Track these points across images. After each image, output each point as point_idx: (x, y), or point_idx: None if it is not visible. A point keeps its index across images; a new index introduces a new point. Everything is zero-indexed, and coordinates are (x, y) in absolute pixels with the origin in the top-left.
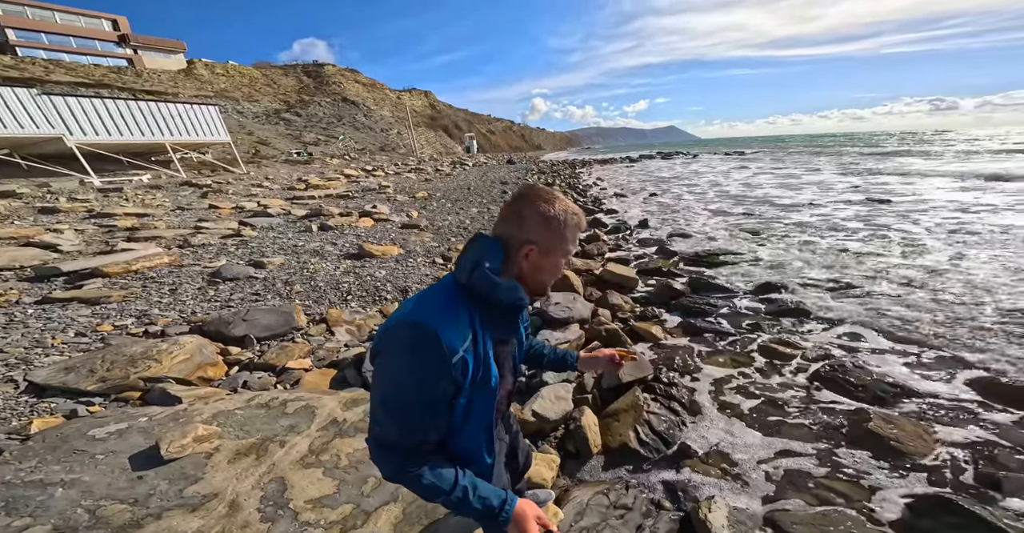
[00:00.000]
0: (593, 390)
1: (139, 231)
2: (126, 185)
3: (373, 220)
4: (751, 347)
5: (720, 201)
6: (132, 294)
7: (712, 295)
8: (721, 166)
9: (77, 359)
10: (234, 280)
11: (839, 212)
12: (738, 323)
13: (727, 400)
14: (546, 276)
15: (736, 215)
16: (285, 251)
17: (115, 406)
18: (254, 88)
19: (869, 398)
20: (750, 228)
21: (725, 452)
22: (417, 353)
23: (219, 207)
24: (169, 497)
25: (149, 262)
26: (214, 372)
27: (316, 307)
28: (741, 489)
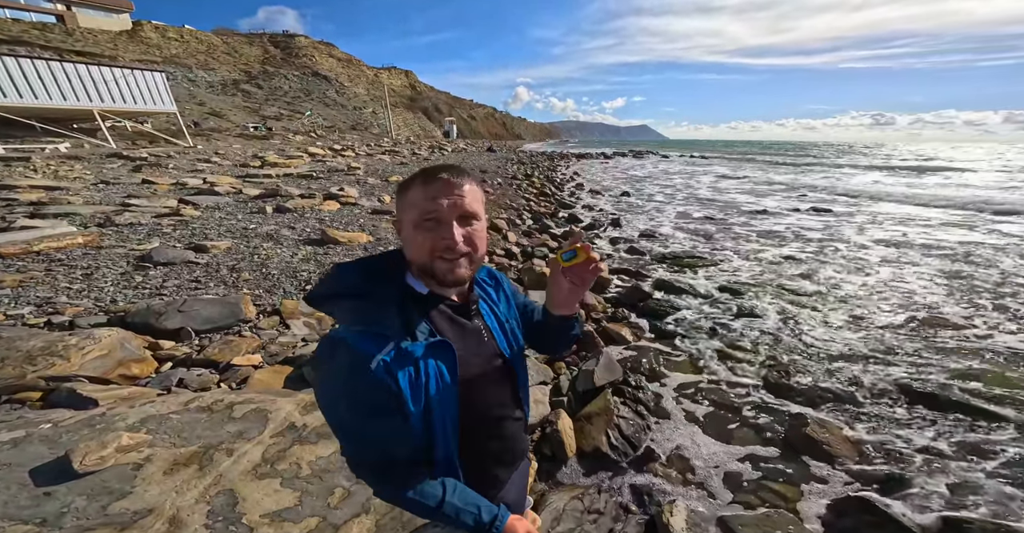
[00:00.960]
0: (568, 392)
1: (47, 206)
2: (35, 154)
3: (339, 203)
4: (710, 351)
5: (688, 204)
6: (32, 278)
7: (678, 297)
8: (689, 169)
9: None
10: (168, 265)
11: (792, 220)
12: (699, 326)
13: (688, 404)
14: (417, 251)
15: (702, 218)
16: (233, 234)
17: (7, 409)
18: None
19: (808, 402)
20: (714, 232)
21: (685, 456)
22: (333, 366)
23: (155, 182)
24: (89, 515)
25: (57, 242)
26: (140, 369)
27: (268, 297)
28: (698, 492)
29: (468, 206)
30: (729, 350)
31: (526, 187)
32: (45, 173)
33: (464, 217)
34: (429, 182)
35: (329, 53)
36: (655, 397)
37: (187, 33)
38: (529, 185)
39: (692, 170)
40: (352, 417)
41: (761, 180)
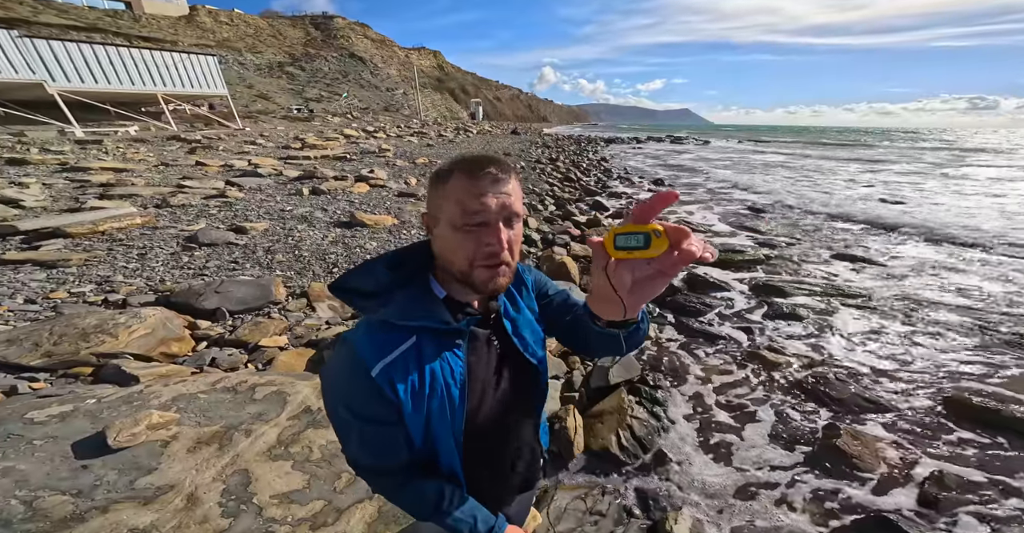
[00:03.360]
0: (581, 388)
1: (114, 188)
2: (108, 137)
3: (369, 185)
4: (740, 352)
5: (730, 195)
6: (95, 257)
7: (709, 294)
8: (737, 156)
9: (22, 330)
10: (212, 245)
11: (854, 214)
12: (731, 326)
13: (709, 407)
14: (448, 252)
15: (745, 211)
16: (271, 216)
17: (62, 383)
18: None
19: (845, 412)
20: (757, 226)
21: (699, 462)
22: (336, 370)
23: (206, 164)
24: (118, 488)
25: (119, 222)
26: (179, 348)
27: (299, 279)
28: (709, 502)
29: (515, 206)
30: (762, 352)
31: (550, 171)
32: (115, 155)
33: (509, 219)
34: (475, 177)
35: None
36: (674, 397)
37: (236, 17)
38: (554, 170)
39: (741, 157)
40: (351, 422)
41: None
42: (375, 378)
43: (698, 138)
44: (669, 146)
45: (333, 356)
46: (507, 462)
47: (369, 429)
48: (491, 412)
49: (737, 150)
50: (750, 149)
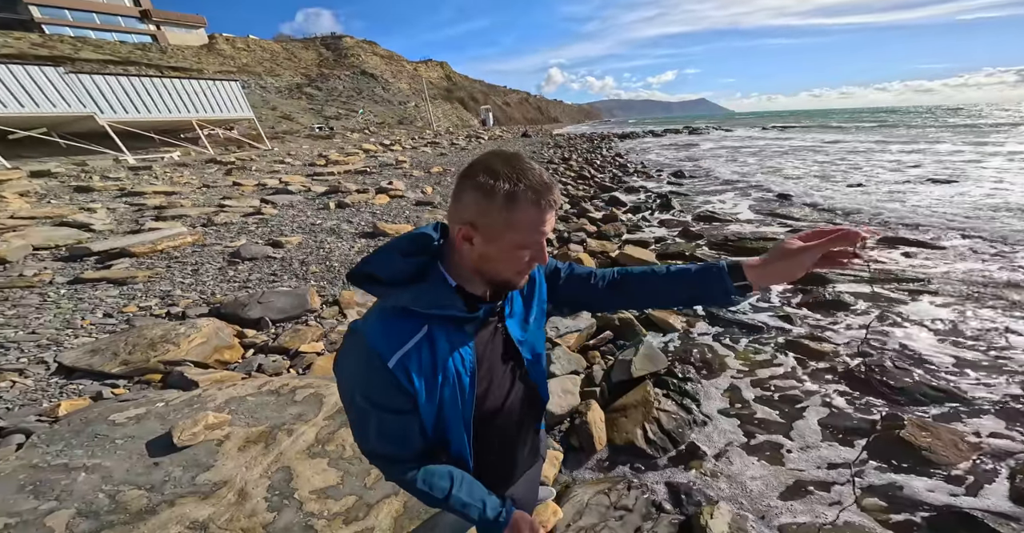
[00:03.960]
0: (602, 383)
1: (167, 210)
2: (155, 163)
3: (389, 197)
4: (779, 342)
5: (758, 182)
6: (157, 274)
7: None
8: (761, 143)
9: (103, 341)
10: (253, 260)
11: (898, 195)
12: (768, 315)
13: (746, 399)
14: (501, 267)
15: (774, 198)
16: (303, 229)
17: (138, 388)
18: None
19: (907, 402)
20: (789, 213)
21: (736, 455)
22: (351, 361)
23: (242, 184)
24: (182, 484)
25: (174, 242)
26: (230, 355)
27: (330, 288)
28: (750, 496)
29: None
30: (805, 341)
31: (563, 171)
32: (164, 179)
33: None
34: (545, 205)
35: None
36: (705, 390)
37: (252, 42)
38: (567, 169)
39: (767, 144)
40: (369, 411)
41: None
42: (392, 369)
43: (718, 127)
44: (687, 137)
45: (345, 347)
46: (512, 442)
47: (388, 418)
48: (498, 396)
49: (762, 137)
50: (776, 136)
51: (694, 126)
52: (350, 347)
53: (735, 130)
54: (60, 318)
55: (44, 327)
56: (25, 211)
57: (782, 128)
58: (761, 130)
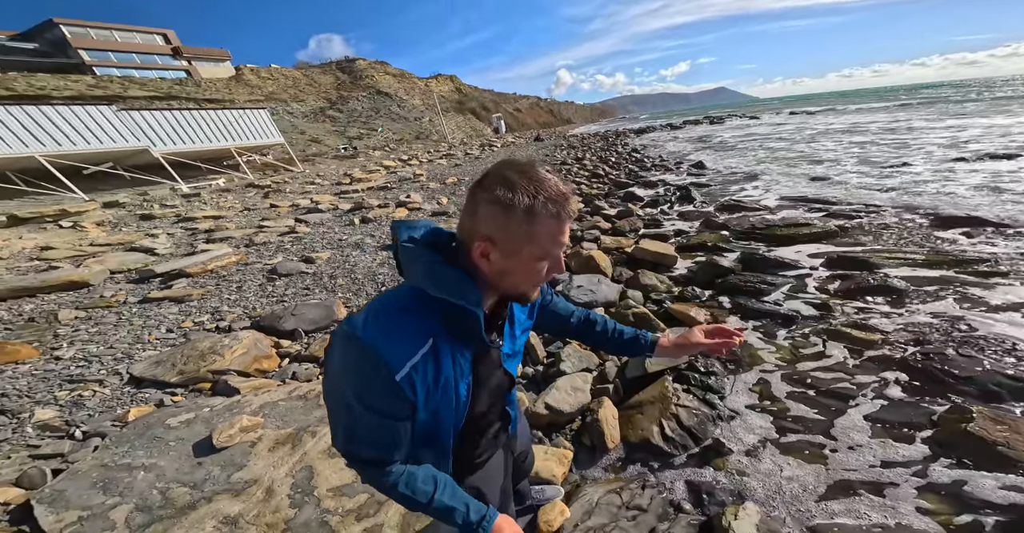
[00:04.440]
0: (615, 380)
1: (215, 232)
2: (204, 190)
3: (407, 209)
4: (817, 332)
5: (788, 167)
6: (208, 292)
7: (770, 273)
8: (790, 127)
9: (165, 353)
10: (288, 275)
11: (952, 174)
12: (803, 304)
13: (780, 394)
14: (520, 280)
15: (807, 183)
16: (332, 245)
17: (192, 396)
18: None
19: (976, 393)
20: (824, 197)
21: (769, 453)
22: (357, 371)
23: (278, 206)
24: (219, 482)
25: (221, 262)
26: (268, 364)
27: (355, 299)
28: (784, 497)
29: None
30: (848, 330)
31: (577, 171)
32: (212, 205)
33: None
34: (564, 216)
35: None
36: (732, 384)
37: (275, 71)
38: (580, 169)
39: (797, 128)
40: (362, 414)
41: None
42: (399, 382)
43: (741, 115)
44: (708, 127)
45: (343, 351)
46: (487, 437)
47: (383, 423)
48: (485, 401)
49: (791, 122)
50: (805, 119)
51: (715, 116)
52: (350, 352)
53: (760, 117)
54: (132, 334)
55: (119, 342)
56: (102, 239)
57: (811, 112)
58: (789, 115)
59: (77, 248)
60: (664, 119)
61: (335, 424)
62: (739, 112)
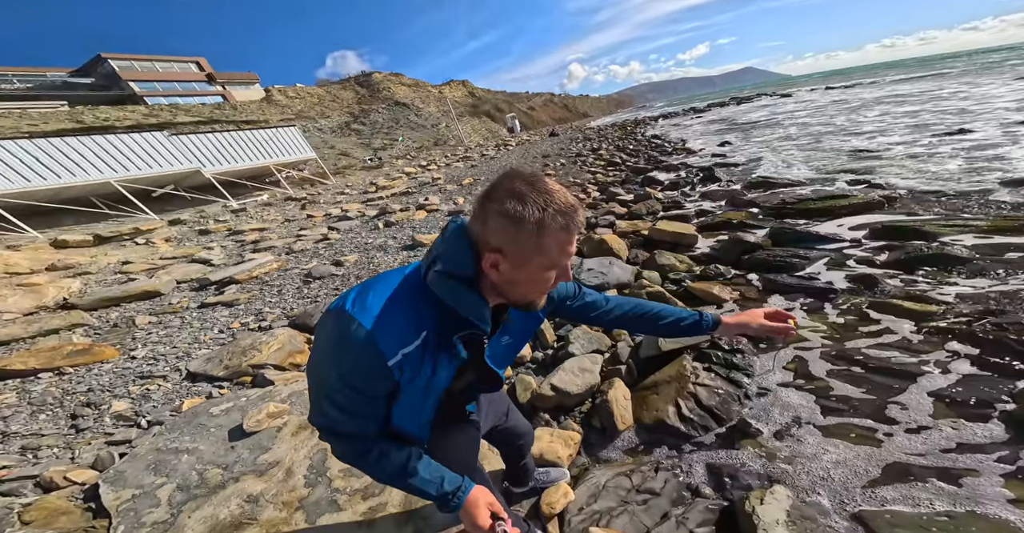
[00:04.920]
0: (628, 361)
1: (260, 243)
2: (249, 205)
3: (426, 211)
4: (865, 304)
5: (825, 140)
6: (253, 296)
7: (803, 246)
8: (827, 101)
9: (215, 352)
10: (321, 278)
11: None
12: (844, 276)
13: (819, 372)
14: (527, 289)
15: (846, 154)
16: (359, 249)
17: (236, 388)
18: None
19: None
20: (867, 168)
21: (805, 434)
22: (346, 351)
23: (314, 216)
24: (247, 464)
25: (264, 269)
26: (301, 359)
27: None
28: (819, 480)
29: None
30: (899, 302)
31: (592, 161)
32: (257, 218)
33: None
34: (572, 228)
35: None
36: (764, 363)
37: (301, 90)
38: (596, 159)
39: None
40: (343, 392)
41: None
42: (390, 367)
43: (772, 93)
44: (736, 108)
45: (335, 329)
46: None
47: (360, 400)
48: (464, 383)
49: (827, 96)
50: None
51: (742, 96)
52: (343, 332)
53: (793, 94)
54: (191, 335)
55: (181, 342)
56: (169, 252)
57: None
58: (825, 90)
59: (150, 262)
60: (687, 105)
61: (316, 398)
62: (769, 91)
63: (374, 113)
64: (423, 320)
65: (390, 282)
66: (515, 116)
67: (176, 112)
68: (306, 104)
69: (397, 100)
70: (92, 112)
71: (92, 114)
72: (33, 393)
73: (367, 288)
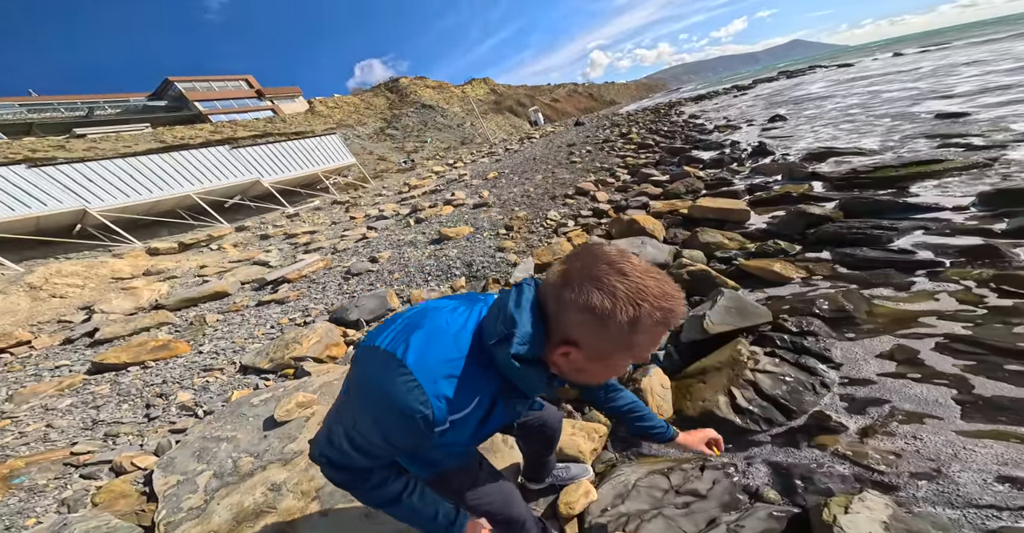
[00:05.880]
0: (667, 345)
1: (310, 244)
2: (302, 210)
3: (452, 206)
4: (975, 277)
5: (899, 108)
6: (301, 293)
7: (886, 217)
8: (893, 67)
9: (264, 346)
10: (358, 275)
11: None
12: (952, 250)
13: (921, 355)
14: (597, 378)
15: (934, 120)
16: (392, 245)
17: (280, 380)
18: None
19: None
20: (961, 132)
21: (908, 429)
22: (392, 406)
23: (355, 217)
24: (275, 452)
25: (312, 268)
26: (337, 351)
27: (407, 290)
28: (927, 487)
29: None
30: (1019, 273)
31: (622, 145)
32: (308, 222)
33: None
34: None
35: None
36: (845, 348)
37: (339, 100)
38: (625, 143)
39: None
40: (370, 443)
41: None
42: (437, 432)
43: (829, 64)
44: (787, 81)
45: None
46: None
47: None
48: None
49: (898, 63)
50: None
51: (792, 70)
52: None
53: (855, 64)
54: (247, 331)
55: (239, 338)
56: (235, 256)
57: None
58: (893, 56)
59: (221, 265)
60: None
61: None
62: (825, 62)
63: (404, 117)
64: (479, 389)
65: (449, 334)
66: (538, 109)
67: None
68: (344, 113)
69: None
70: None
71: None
72: (121, 385)
73: (427, 338)
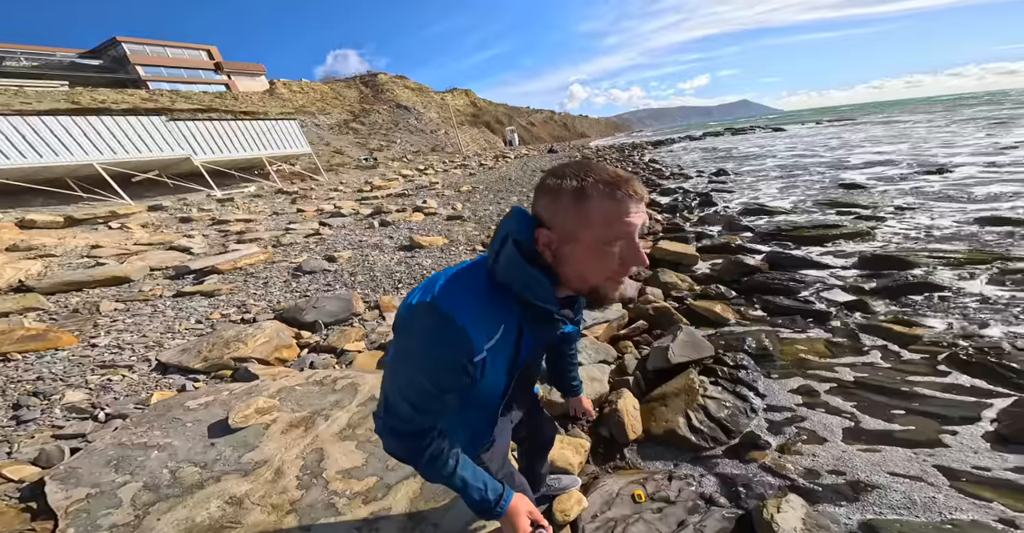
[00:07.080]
0: (635, 372)
1: (245, 234)
2: (237, 196)
3: (424, 214)
4: (855, 327)
5: (815, 173)
6: (236, 287)
7: (798, 271)
8: (819, 137)
9: (192, 342)
10: (312, 273)
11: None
12: (836, 301)
13: (819, 388)
14: (583, 269)
15: (836, 187)
16: (352, 246)
17: (214, 382)
18: (325, 102)
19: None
20: (855, 200)
21: (810, 448)
22: (439, 346)
23: (304, 210)
24: (229, 462)
25: (250, 260)
26: (288, 354)
27: (373, 295)
28: (827, 491)
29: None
30: (890, 325)
31: None
32: (243, 209)
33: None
34: (622, 195)
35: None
36: (767, 381)
37: (305, 85)
38: None
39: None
40: (429, 393)
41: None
42: (476, 362)
43: (766, 127)
44: (732, 138)
45: (431, 329)
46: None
47: (437, 398)
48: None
49: (820, 132)
50: (837, 129)
51: (737, 127)
52: (440, 333)
53: (786, 129)
54: (164, 324)
55: (152, 332)
56: (144, 239)
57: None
58: (816, 125)
59: (123, 247)
60: (684, 132)
61: (390, 394)
62: (763, 124)
63: (374, 114)
64: (503, 316)
65: (470, 273)
66: (514, 130)
67: (175, 98)
68: (308, 99)
69: (400, 103)
70: (90, 94)
71: (90, 96)
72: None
73: (451, 279)
